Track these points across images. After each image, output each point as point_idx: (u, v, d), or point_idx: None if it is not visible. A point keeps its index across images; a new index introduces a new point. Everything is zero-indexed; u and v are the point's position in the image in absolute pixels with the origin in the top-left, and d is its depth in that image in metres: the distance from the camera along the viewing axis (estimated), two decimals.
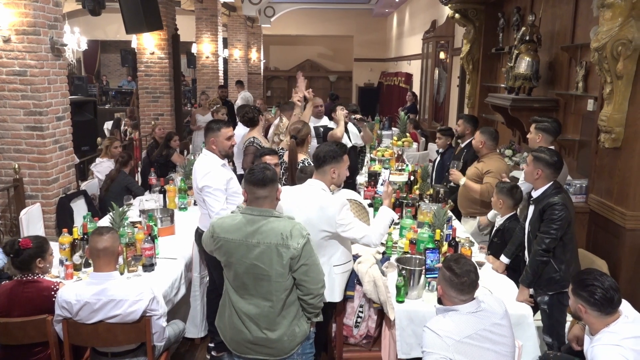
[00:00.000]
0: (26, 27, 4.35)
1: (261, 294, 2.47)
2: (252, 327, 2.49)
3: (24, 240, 2.89)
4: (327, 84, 20.69)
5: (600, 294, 2.25)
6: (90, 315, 2.65)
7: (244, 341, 2.52)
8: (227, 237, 2.49)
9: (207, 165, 3.45)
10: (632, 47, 3.77)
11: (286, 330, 2.48)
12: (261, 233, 2.43)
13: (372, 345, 3.23)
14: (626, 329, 2.25)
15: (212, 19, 11.55)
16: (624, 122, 3.93)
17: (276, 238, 2.41)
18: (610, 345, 2.21)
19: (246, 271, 2.46)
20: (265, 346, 2.50)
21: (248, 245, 2.44)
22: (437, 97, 10.63)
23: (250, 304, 2.49)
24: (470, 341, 2.28)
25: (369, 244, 2.91)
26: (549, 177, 3.14)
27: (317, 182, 2.96)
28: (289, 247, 2.39)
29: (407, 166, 5.88)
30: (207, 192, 3.37)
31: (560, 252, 3.10)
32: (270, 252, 2.41)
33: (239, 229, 2.47)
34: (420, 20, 12.62)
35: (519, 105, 5.48)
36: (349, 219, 2.85)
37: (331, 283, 2.91)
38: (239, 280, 2.50)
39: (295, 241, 2.40)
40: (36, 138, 4.53)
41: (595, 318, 2.29)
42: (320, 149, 2.99)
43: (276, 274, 2.43)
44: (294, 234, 2.41)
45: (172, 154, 6.51)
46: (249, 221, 2.47)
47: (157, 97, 8.66)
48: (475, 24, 7.29)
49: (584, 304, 2.30)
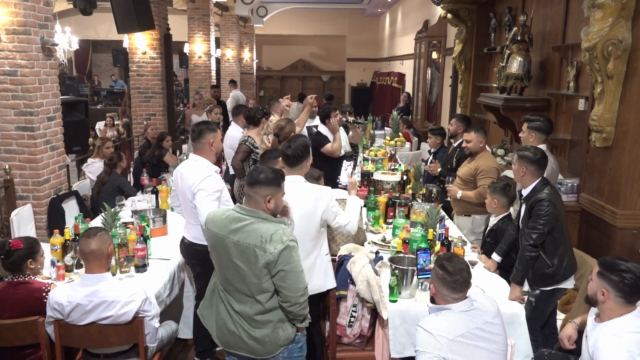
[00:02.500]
0: (16, 27, 4.32)
1: (242, 291, 2.47)
2: (236, 320, 2.49)
3: (14, 241, 2.86)
4: (319, 83, 20.69)
5: (631, 280, 2.23)
6: (82, 317, 2.63)
7: (228, 332, 2.53)
8: (213, 230, 2.52)
9: (203, 170, 3.25)
10: (622, 47, 3.80)
11: (269, 332, 2.47)
12: (243, 232, 2.43)
13: (365, 344, 3.23)
14: (637, 322, 2.25)
15: (205, 19, 11.51)
16: (614, 121, 3.96)
17: (255, 240, 2.39)
18: (615, 337, 2.21)
19: (227, 266, 2.48)
20: (247, 342, 2.49)
21: (229, 242, 2.45)
22: (429, 97, 10.67)
23: (234, 298, 2.50)
24: (463, 340, 2.29)
25: (350, 230, 3.12)
26: (534, 173, 3.18)
27: (298, 178, 3.05)
28: (266, 250, 2.36)
29: (399, 166, 5.89)
30: (202, 195, 3.17)
31: (552, 246, 3.13)
32: (248, 253, 2.40)
33: (225, 225, 2.48)
34: (412, 20, 12.65)
35: (510, 105, 5.51)
36: (337, 207, 3.06)
37: (324, 270, 3.05)
38: (222, 275, 2.53)
39: (272, 246, 2.36)
40: (27, 138, 4.50)
41: (617, 304, 2.27)
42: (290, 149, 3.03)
43: (251, 275, 2.41)
44: (273, 239, 2.37)
45: (165, 154, 6.49)
46: (235, 219, 2.48)
47: (149, 97, 8.63)
48: (468, 24, 7.33)
49: (609, 288, 2.27)
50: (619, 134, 3.96)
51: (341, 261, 3.28)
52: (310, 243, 2.98)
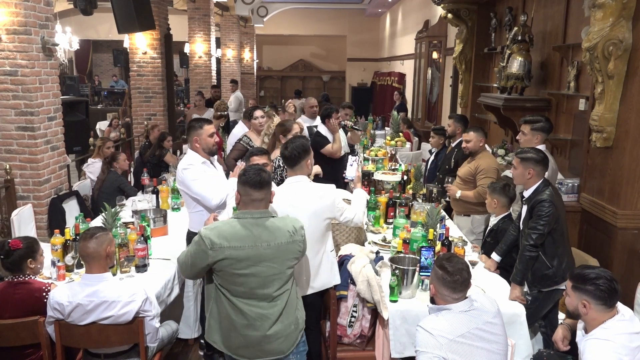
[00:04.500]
0: (17, 27, 4.32)
1: (266, 296, 2.46)
2: (264, 325, 2.46)
3: (13, 241, 2.87)
4: (320, 83, 20.68)
5: (605, 285, 2.26)
6: (82, 317, 2.63)
7: (253, 343, 2.48)
8: (235, 245, 2.39)
9: (188, 160, 3.49)
10: (622, 47, 3.80)
11: (292, 319, 2.54)
12: (270, 234, 2.44)
13: (365, 344, 3.23)
14: (621, 325, 2.26)
15: (205, 19, 11.52)
16: (615, 121, 3.96)
17: (284, 237, 2.46)
18: (602, 340, 2.23)
19: (254, 274, 2.43)
20: (275, 342, 2.49)
21: (258, 249, 2.41)
22: (430, 97, 10.66)
23: (258, 305, 2.47)
24: (463, 340, 2.29)
25: (357, 222, 3.19)
26: (539, 174, 3.19)
27: (301, 178, 3.05)
28: (296, 241, 2.50)
29: (400, 166, 5.89)
30: (190, 183, 3.40)
31: (551, 247, 3.13)
32: (280, 252, 2.45)
33: (245, 235, 2.42)
34: (413, 20, 12.65)
35: (511, 105, 5.51)
36: (343, 203, 3.13)
37: (330, 266, 3.10)
38: (246, 286, 2.44)
39: (299, 234, 2.52)
40: (27, 138, 4.50)
41: (598, 313, 2.29)
42: (287, 150, 3.04)
43: (287, 268, 2.50)
44: (296, 228, 2.52)
45: (165, 154, 6.49)
46: (254, 225, 2.44)
47: (149, 97, 8.63)
48: (468, 24, 7.32)
49: (588, 299, 2.29)
50: (620, 134, 3.95)
51: (341, 261, 3.28)
52: (317, 241, 3.00)
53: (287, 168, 3.15)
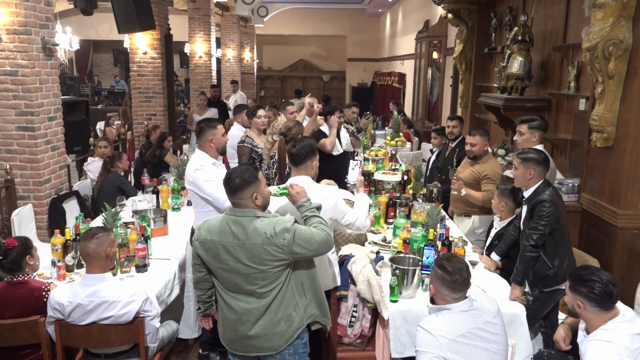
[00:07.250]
0: (17, 27, 4.32)
1: (252, 292, 2.47)
2: (250, 320, 2.49)
3: (8, 240, 2.88)
4: (320, 83, 20.69)
5: (599, 288, 2.25)
6: (82, 317, 2.63)
7: (243, 338, 2.52)
8: (214, 239, 2.48)
9: (199, 161, 3.46)
10: (623, 47, 3.80)
11: (283, 315, 2.50)
12: (246, 234, 2.43)
13: (366, 344, 3.23)
14: (622, 326, 2.26)
15: (205, 19, 11.52)
16: (615, 121, 3.95)
17: (260, 238, 2.41)
18: (603, 341, 2.23)
19: (235, 271, 2.46)
20: (263, 338, 2.50)
21: (234, 247, 2.44)
22: (430, 97, 10.66)
23: (245, 300, 2.50)
24: (463, 340, 2.29)
25: (360, 225, 3.16)
26: (540, 175, 3.19)
27: (305, 178, 3.03)
28: (276, 244, 2.41)
29: (400, 166, 5.89)
30: (203, 185, 3.36)
31: (552, 247, 3.13)
32: (256, 252, 2.42)
33: (224, 231, 2.47)
34: (413, 20, 12.65)
35: (511, 104, 5.51)
36: (345, 205, 3.12)
37: (332, 269, 3.09)
38: (231, 281, 2.50)
39: (280, 238, 2.40)
40: (28, 138, 4.50)
41: (594, 314, 2.29)
42: (294, 148, 3.03)
43: (271, 268, 2.45)
44: (277, 231, 2.42)
45: (166, 154, 6.49)
46: (234, 222, 2.47)
47: (149, 97, 8.63)
48: (468, 24, 7.32)
49: (582, 300, 2.30)
50: (620, 134, 3.95)
51: (342, 261, 3.28)
52: None
53: (291, 166, 3.13)
